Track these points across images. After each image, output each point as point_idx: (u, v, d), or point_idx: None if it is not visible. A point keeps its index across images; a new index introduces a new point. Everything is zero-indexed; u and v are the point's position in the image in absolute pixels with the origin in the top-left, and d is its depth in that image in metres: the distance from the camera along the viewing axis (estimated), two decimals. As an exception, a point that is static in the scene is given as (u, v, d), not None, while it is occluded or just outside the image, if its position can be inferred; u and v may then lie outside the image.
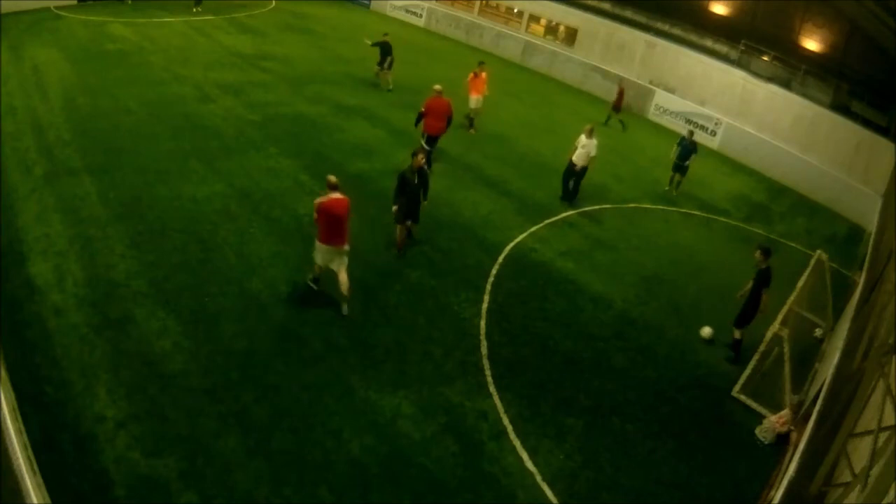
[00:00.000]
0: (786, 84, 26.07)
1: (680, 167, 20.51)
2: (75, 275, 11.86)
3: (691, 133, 20.85)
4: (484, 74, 22.35)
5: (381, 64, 25.23)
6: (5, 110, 17.73)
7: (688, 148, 20.26)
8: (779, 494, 7.54)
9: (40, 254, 12.28)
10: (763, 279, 12.47)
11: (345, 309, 12.04)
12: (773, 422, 11.19)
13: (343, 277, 11.89)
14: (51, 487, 6.77)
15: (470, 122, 22.65)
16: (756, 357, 12.11)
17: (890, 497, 5.45)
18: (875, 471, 5.74)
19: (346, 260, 11.99)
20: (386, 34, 25.28)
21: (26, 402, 8.65)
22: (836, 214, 22.64)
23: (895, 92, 23.55)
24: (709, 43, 28.98)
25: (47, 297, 11.18)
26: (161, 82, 22.04)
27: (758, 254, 12.62)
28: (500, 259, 14.93)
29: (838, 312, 14.33)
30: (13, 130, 16.80)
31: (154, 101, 20.26)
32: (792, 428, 10.87)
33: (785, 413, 11.15)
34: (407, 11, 38.97)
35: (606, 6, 32.40)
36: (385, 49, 25.05)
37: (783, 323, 11.92)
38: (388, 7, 39.59)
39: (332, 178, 11.69)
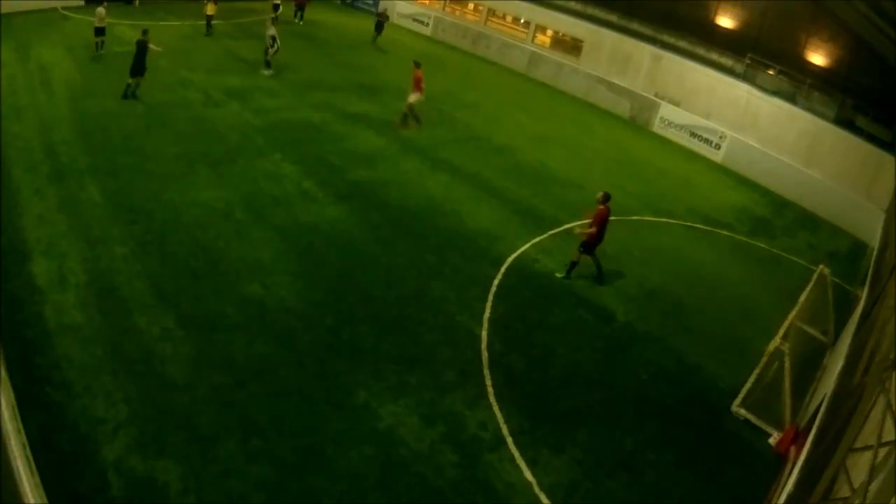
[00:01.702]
0: (791, 98, 26.09)
1: None
2: (77, 276, 11.88)
3: None
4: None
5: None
6: (10, 110, 17.81)
7: None
8: (778, 509, 7.52)
9: (42, 254, 12.31)
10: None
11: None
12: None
13: None
14: (49, 488, 6.75)
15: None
16: (756, 371, 12.07)
17: (889, 512, 5.43)
18: (874, 486, 5.72)
19: None
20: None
21: (26, 402, 8.62)
22: (838, 229, 22.61)
23: (900, 107, 23.58)
24: (714, 56, 29.05)
25: (48, 297, 11.20)
26: (167, 86, 22.12)
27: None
28: (503, 269, 14.92)
29: (840, 327, 14.29)
30: (18, 130, 16.87)
31: (160, 104, 20.34)
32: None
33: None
34: (414, 20, 39.10)
35: (613, 18, 32.47)
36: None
37: (784, 337, 11.89)
38: (394, 15, 39.68)
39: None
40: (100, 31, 24.41)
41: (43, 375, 9.53)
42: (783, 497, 7.60)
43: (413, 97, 22.29)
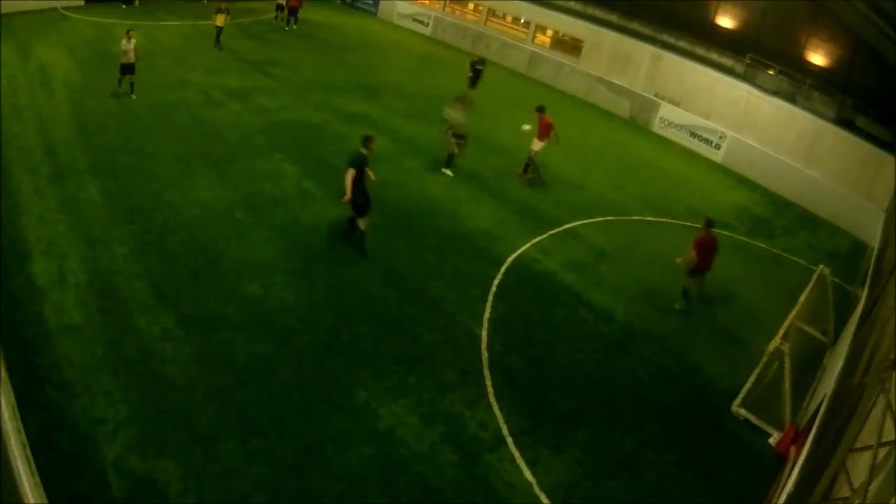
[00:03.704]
0: (790, 98, 26.07)
1: None
2: (77, 276, 11.89)
3: None
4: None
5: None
6: (11, 110, 17.82)
7: None
8: (778, 509, 7.51)
9: (42, 254, 12.31)
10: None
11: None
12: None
13: None
14: (49, 488, 6.75)
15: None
16: (756, 371, 12.07)
17: (889, 512, 5.43)
18: (874, 486, 5.72)
19: None
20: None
21: (26, 402, 8.63)
22: (838, 229, 22.61)
23: (900, 107, 23.58)
24: (714, 56, 29.02)
25: (48, 297, 11.21)
26: (167, 86, 22.12)
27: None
28: (503, 269, 14.92)
29: (840, 327, 14.29)
30: (18, 130, 16.88)
31: (160, 104, 20.33)
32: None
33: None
34: (414, 20, 39.08)
35: (613, 18, 32.47)
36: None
37: (784, 337, 11.89)
38: (394, 15, 39.72)
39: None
40: (127, 69, 20.52)
41: (43, 375, 9.54)
42: (783, 497, 7.60)
43: (537, 145, 20.01)
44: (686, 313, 14.83)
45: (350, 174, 13.41)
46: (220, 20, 27.86)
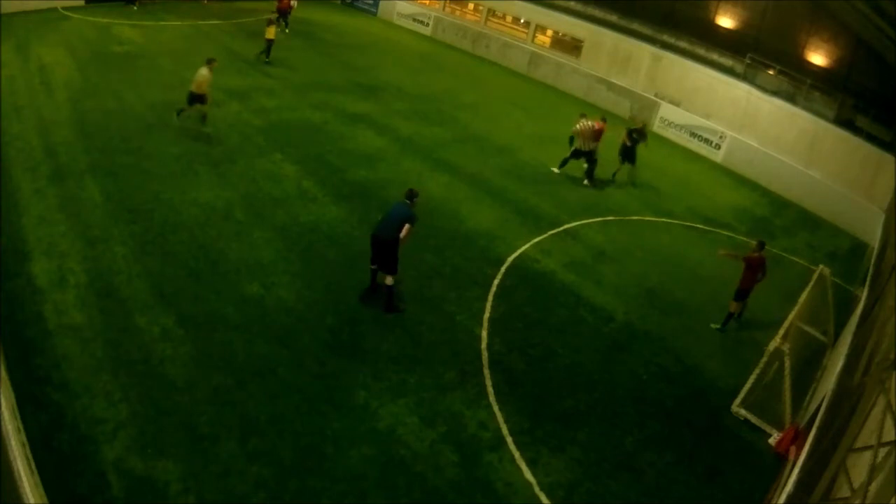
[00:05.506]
0: (791, 98, 26.08)
1: None
2: (77, 276, 11.88)
3: None
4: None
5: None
6: (11, 110, 17.80)
7: None
8: (777, 509, 7.51)
9: (43, 254, 12.30)
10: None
11: None
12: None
13: None
14: (48, 488, 6.75)
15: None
16: (756, 371, 12.07)
17: (889, 513, 5.43)
18: (874, 486, 5.72)
19: None
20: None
21: (26, 401, 8.65)
22: (838, 229, 22.62)
23: (900, 107, 23.58)
24: (715, 56, 29.01)
25: (48, 296, 11.19)
26: (167, 86, 22.07)
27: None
28: (503, 270, 14.92)
29: (840, 327, 14.29)
30: (18, 130, 16.85)
31: (160, 104, 20.28)
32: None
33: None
34: (414, 20, 39.10)
35: (613, 18, 32.47)
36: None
37: (784, 337, 11.88)
38: (394, 15, 39.72)
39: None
40: (197, 99, 18.37)
41: (43, 375, 9.53)
42: (783, 497, 7.60)
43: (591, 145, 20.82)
44: (720, 331, 14.65)
45: (407, 230, 12.30)
46: (271, 32, 26.25)
